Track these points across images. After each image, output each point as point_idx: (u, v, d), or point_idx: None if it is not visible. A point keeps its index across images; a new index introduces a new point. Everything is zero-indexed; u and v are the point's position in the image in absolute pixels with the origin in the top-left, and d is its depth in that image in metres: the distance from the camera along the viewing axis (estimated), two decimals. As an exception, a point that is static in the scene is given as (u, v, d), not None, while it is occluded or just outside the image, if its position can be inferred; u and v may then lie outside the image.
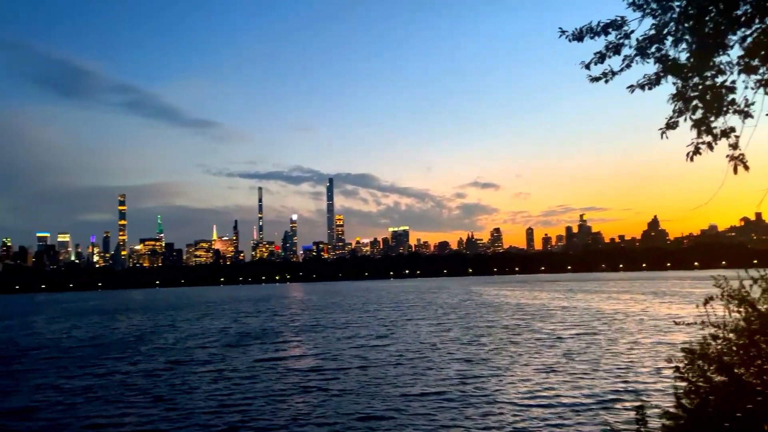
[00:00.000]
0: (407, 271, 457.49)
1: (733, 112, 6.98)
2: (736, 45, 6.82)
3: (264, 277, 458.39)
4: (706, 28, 6.91)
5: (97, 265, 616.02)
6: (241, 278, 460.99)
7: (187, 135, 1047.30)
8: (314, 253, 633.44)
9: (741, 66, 6.84)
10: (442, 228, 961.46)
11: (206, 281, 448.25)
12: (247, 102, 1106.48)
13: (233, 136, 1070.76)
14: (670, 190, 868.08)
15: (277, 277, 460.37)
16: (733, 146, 7.00)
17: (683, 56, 7.22)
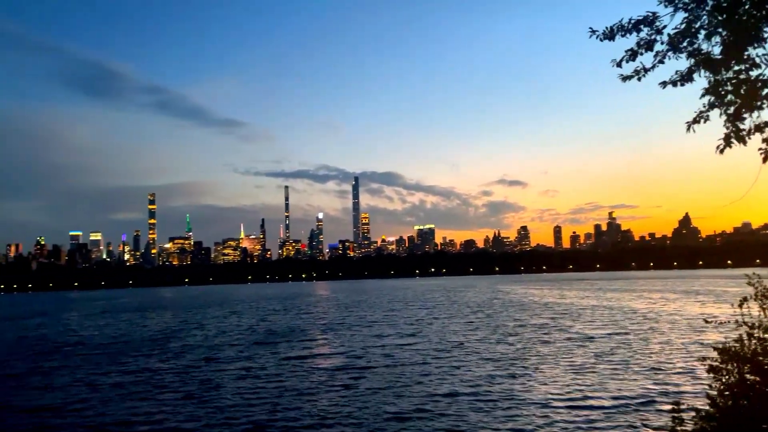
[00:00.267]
0: (433, 270, 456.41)
1: None
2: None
3: (291, 276, 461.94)
4: (739, 21, 6.78)
5: (127, 264, 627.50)
6: (268, 276, 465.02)
7: (214, 135, 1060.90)
8: (340, 252, 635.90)
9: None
10: (468, 226, 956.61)
11: (234, 279, 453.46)
12: (273, 101, 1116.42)
13: (260, 136, 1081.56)
14: (702, 187, 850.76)
15: (303, 276, 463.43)
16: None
17: (716, 50, 7.10)
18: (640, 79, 7.68)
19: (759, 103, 6.88)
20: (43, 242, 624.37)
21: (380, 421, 19.14)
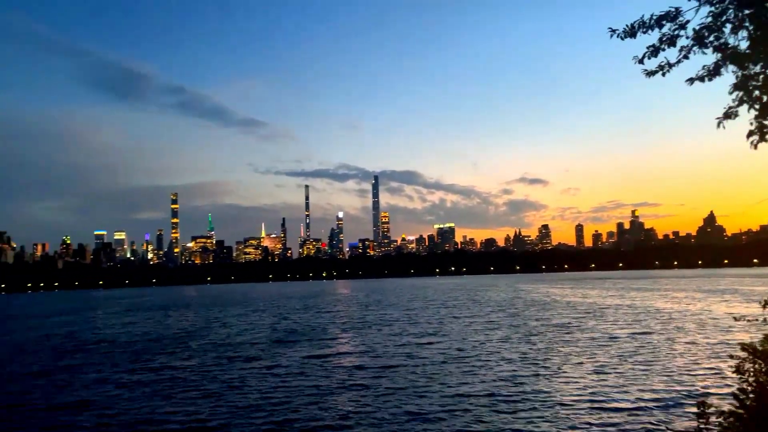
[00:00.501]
0: (453, 269, 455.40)
1: None
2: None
3: (311, 274, 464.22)
4: (766, 15, 6.64)
5: (151, 262, 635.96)
6: (289, 275, 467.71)
7: (235, 134, 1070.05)
8: (360, 251, 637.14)
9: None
10: (488, 225, 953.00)
11: (255, 278, 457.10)
12: (293, 101, 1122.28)
13: (280, 135, 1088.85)
14: (727, 185, 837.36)
15: (324, 274, 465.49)
16: None
17: (743, 44, 6.95)
18: (664, 74, 7.55)
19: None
20: (68, 241, 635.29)
21: (402, 421, 19.10)
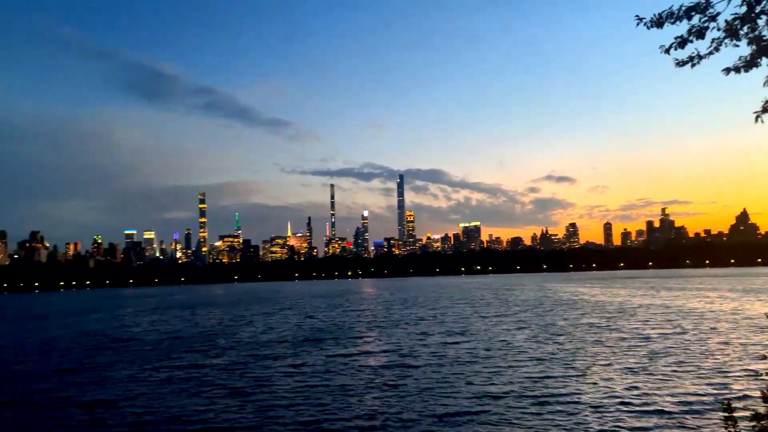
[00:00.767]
0: (479, 268, 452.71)
1: None
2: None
3: (336, 273, 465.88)
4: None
5: (179, 261, 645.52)
6: (314, 274, 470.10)
7: (262, 134, 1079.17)
8: (385, 249, 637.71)
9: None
10: (514, 223, 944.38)
11: (281, 276, 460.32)
12: (318, 101, 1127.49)
13: (305, 135, 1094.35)
14: (761, 181, 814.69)
15: (349, 273, 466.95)
16: None
17: None
18: (693, 65, 7.36)
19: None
20: (99, 241, 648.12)
21: (429, 422, 18.88)
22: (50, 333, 58.80)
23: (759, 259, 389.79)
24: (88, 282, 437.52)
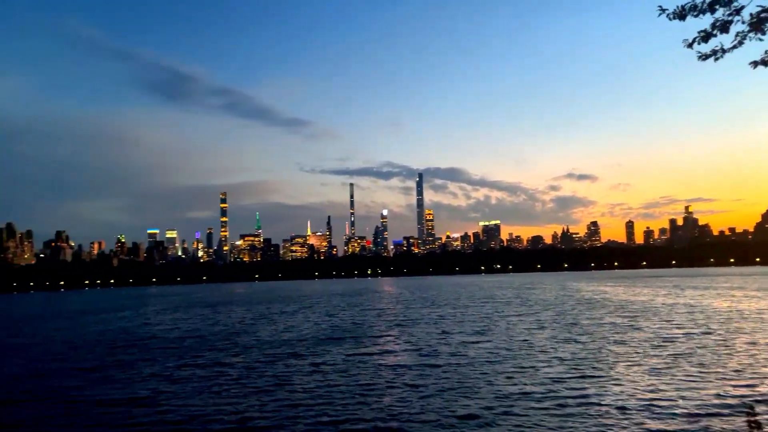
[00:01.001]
0: (499, 266, 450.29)
1: None
2: None
3: (356, 272, 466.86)
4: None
5: (201, 260, 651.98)
6: (334, 272, 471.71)
7: (281, 134, 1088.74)
8: (405, 248, 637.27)
9: None
10: (535, 222, 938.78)
11: (301, 275, 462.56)
12: (337, 100, 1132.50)
13: (325, 134, 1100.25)
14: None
15: (368, 272, 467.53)
16: None
17: None
18: (716, 59, 7.21)
19: None
20: (123, 240, 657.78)
21: (449, 422, 18.74)
22: (75, 331, 59.74)
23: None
24: (112, 281, 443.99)
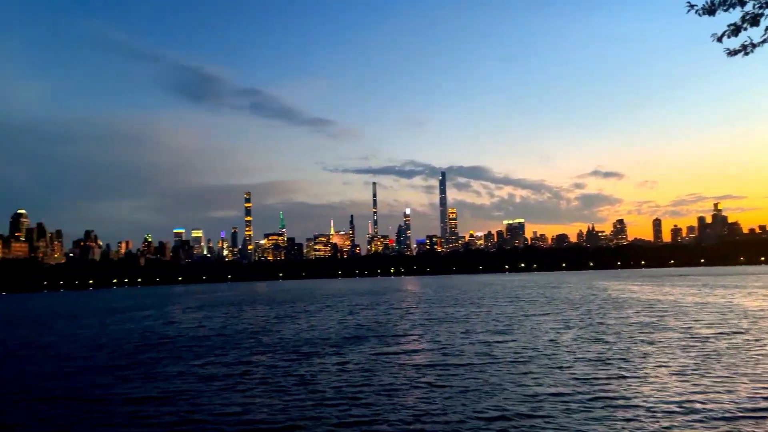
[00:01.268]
0: (523, 265, 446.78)
1: None
2: None
3: (379, 271, 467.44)
4: None
5: (226, 259, 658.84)
6: (357, 271, 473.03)
7: (304, 134, 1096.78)
8: (428, 247, 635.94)
9: None
10: (559, 220, 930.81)
11: (325, 274, 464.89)
12: (360, 99, 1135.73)
13: (347, 133, 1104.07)
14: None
15: (391, 271, 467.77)
16: None
17: None
18: (746, 54, 6.94)
19: None
20: (150, 239, 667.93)
21: (475, 423, 18.50)
22: (103, 329, 60.70)
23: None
24: (139, 279, 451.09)
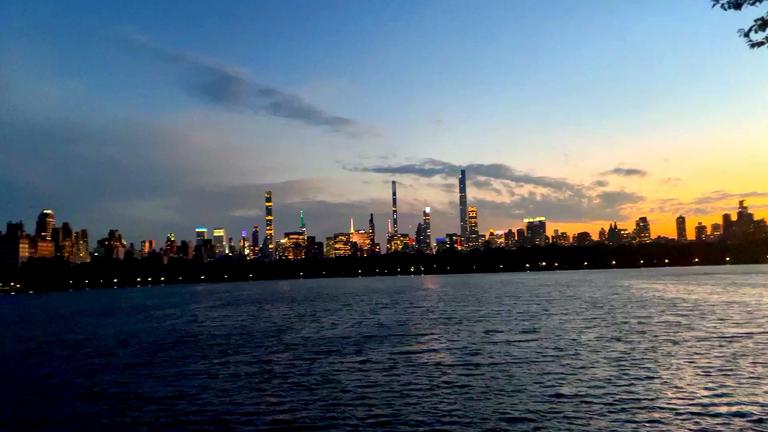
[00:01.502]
0: (544, 264, 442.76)
1: None
2: None
3: (399, 269, 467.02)
4: None
5: (247, 258, 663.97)
6: (377, 270, 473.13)
7: (324, 133, 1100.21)
8: (448, 246, 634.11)
9: None
10: (581, 218, 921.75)
11: (345, 273, 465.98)
12: (379, 98, 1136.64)
13: (366, 132, 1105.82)
14: None
15: (411, 269, 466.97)
16: None
17: None
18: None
19: None
20: (173, 238, 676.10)
21: (496, 424, 18.28)
22: (126, 327, 61.38)
23: None
24: (162, 278, 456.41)
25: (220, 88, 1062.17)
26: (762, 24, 6.49)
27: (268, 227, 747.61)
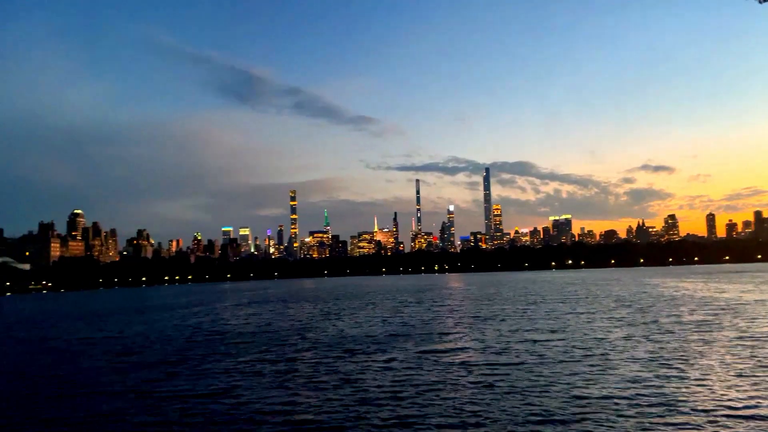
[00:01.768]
0: (570, 262, 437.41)
1: None
2: None
3: (423, 268, 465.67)
4: None
5: (272, 257, 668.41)
6: (401, 268, 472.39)
7: (347, 132, 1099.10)
8: (472, 244, 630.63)
9: None
10: (608, 216, 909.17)
11: (369, 271, 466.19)
12: (402, 97, 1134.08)
13: (390, 131, 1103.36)
14: None
15: (435, 268, 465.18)
16: None
17: None
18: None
19: None
20: (199, 237, 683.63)
21: (523, 424, 18.06)
22: (154, 326, 62.24)
23: None
24: (189, 276, 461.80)
25: (244, 88, 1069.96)
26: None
27: (293, 226, 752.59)
